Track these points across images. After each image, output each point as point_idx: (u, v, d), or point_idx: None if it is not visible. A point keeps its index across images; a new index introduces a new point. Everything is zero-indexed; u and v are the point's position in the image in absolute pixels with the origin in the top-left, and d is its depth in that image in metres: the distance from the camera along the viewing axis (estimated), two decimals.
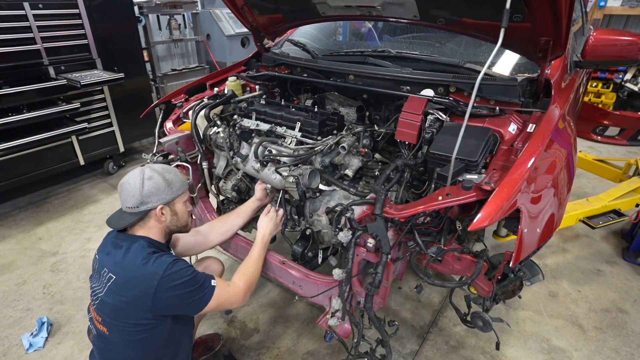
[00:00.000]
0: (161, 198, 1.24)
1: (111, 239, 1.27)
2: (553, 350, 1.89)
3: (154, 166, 1.28)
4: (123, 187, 1.23)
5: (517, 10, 1.19)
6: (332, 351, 1.88)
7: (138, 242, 1.21)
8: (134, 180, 1.22)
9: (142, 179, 1.22)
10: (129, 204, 1.22)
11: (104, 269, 1.20)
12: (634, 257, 2.48)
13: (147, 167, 1.27)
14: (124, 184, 1.23)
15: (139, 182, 1.21)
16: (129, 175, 1.25)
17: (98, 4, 3.13)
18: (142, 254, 1.17)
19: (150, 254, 1.18)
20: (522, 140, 1.33)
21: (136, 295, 1.14)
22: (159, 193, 1.24)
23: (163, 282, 1.13)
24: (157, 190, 1.23)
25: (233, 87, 1.99)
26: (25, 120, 2.68)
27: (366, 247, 1.26)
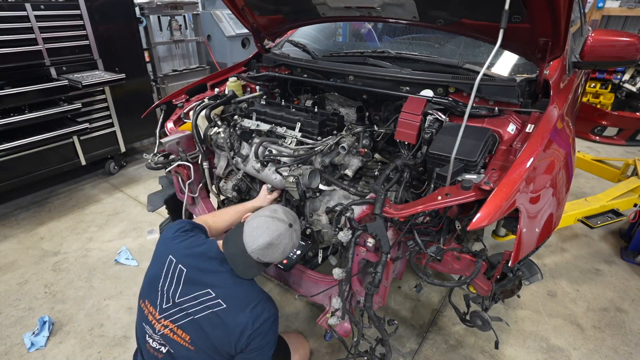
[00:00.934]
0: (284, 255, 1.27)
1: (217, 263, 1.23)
2: (552, 349, 1.89)
3: (298, 230, 1.29)
4: (273, 248, 1.20)
5: (516, 11, 1.19)
6: (332, 350, 1.88)
7: (251, 283, 1.25)
8: (285, 246, 1.22)
9: (290, 247, 1.24)
10: (266, 260, 1.21)
11: (207, 290, 1.18)
12: (632, 256, 2.48)
13: (294, 232, 1.25)
14: (275, 245, 1.20)
15: (288, 250, 1.23)
16: (280, 238, 1.21)
17: (99, 5, 3.14)
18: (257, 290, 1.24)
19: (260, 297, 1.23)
20: (521, 140, 1.33)
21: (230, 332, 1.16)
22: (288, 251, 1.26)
23: (256, 332, 1.16)
24: (290, 252, 1.27)
25: (234, 88, 2.00)
26: (27, 120, 2.69)
27: (366, 246, 1.27)
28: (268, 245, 1.19)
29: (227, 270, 1.22)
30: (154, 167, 1.74)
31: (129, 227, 2.85)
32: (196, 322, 1.17)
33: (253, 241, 1.19)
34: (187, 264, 1.22)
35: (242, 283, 1.22)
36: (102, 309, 2.13)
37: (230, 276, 1.21)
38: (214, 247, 1.27)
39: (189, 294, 1.18)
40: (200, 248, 1.26)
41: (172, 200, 2.00)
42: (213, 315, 1.16)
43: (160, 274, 1.24)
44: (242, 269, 1.21)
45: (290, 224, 1.24)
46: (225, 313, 1.16)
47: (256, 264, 1.22)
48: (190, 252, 1.25)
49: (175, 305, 1.19)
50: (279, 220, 1.22)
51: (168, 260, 1.24)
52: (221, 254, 1.25)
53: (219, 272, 1.21)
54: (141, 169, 3.78)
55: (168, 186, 2.06)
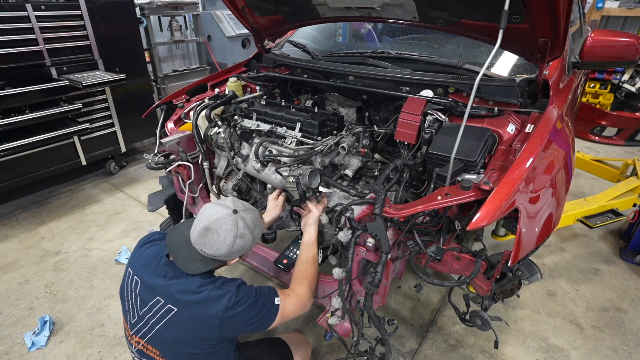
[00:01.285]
0: (240, 254, 1.17)
1: (164, 264, 1.16)
2: (551, 348, 1.90)
3: (247, 218, 1.16)
4: (210, 233, 1.10)
5: (516, 11, 1.20)
6: (332, 350, 1.89)
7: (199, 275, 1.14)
8: (225, 234, 1.10)
9: (234, 235, 1.11)
10: (209, 252, 1.11)
11: (157, 298, 1.12)
12: (631, 256, 2.49)
13: (240, 218, 1.13)
14: (212, 231, 1.10)
15: (230, 238, 1.11)
16: (219, 223, 1.10)
17: (100, 6, 3.15)
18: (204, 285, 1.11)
19: (209, 283, 1.12)
20: (521, 140, 1.34)
21: (202, 328, 1.09)
22: (243, 250, 1.16)
23: (228, 312, 1.08)
24: (243, 248, 1.15)
25: (234, 88, 2.00)
26: (27, 120, 2.70)
27: (366, 246, 1.27)
28: (205, 230, 1.09)
29: (173, 267, 1.15)
30: (154, 167, 1.74)
31: (129, 227, 2.86)
32: (159, 333, 1.12)
33: (194, 229, 1.12)
34: (140, 274, 1.17)
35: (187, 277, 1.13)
36: (103, 308, 2.13)
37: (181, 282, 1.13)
38: (162, 246, 1.22)
39: (146, 304, 1.13)
40: (153, 254, 1.20)
41: (172, 200, 2.01)
42: (171, 321, 1.10)
43: (124, 289, 1.21)
44: (182, 261, 1.12)
45: (234, 210, 1.13)
46: (179, 316, 1.10)
47: (201, 259, 1.12)
48: (145, 260, 1.20)
49: (140, 319, 1.16)
50: (222, 206, 1.13)
51: (128, 274, 1.20)
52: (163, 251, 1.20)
53: (162, 270, 1.15)
54: (142, 169, 3.78)
55: (168, 186, 2.06)
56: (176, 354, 1.14)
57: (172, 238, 1.18)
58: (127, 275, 1.21)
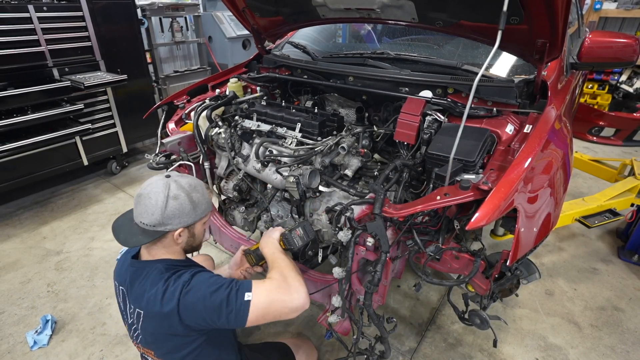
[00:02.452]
0: (183, 221, 1.08)
1: (128, 267, 1.16)
2: (549, 347, 1.91)
3: (181, 181, 1.10)
4: (142, 199, 1.06)
5: (514, 12, 1.21)
6: (332, 349, 1.90)
7: (156, 268, 1.09)
8: (157, 196, 1.05)
9: (166, 196, 1.05)
10: (145, 221, 1.06)
11: (128, 304, 1.13)
12: (629, 255, 2.50)
13: (173, 181, 1.08)
14: (144, 196, 1.06)
15: (162, 199, 1.05)
16: (150, 187, 1.06)
17: (101, 7, 3.16)
18: (160, 282, 1.05)
19: (167, 279, 1.06)
20: (519, 140, 1.34)
21: (166, 323, 1.06)
22: (181, 216, 1.07)
23: (181, 303, 1.02)
24: (180, 212, 1.07)
25: (234, 89, 2.01)
26: (29, 121, 2.71)
27: (365, 246, 1.27)
28: (138, 197, 1.06)
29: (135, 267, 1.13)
30: (155, 167, 1.75)
31: None
32: (143, 335, 1.13)
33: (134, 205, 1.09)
34: (121, 282, 1.18)
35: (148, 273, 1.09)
36: (104, 307, 2.14)
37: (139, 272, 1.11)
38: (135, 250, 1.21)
39: (128, 311, 1.15)
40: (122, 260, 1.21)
41: None
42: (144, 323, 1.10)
43: (118, 302, 1.22)
44: (123, 237, 1.08)
45: (167, 175, 1.10)
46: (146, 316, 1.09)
47: (141, 231, 1.07)
48: (123, 268, 1.19)
49: (130, 325, 1.17)
50: (156, 176, 1.10)
51: (115, 286, 1.22)
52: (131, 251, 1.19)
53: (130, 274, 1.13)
54: (143, 169, 3.79)
55: None
56: (166, 351, 1.15)
57: (118, 220, 1.13)
58: (115, 288, 1.22)
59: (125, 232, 1.10)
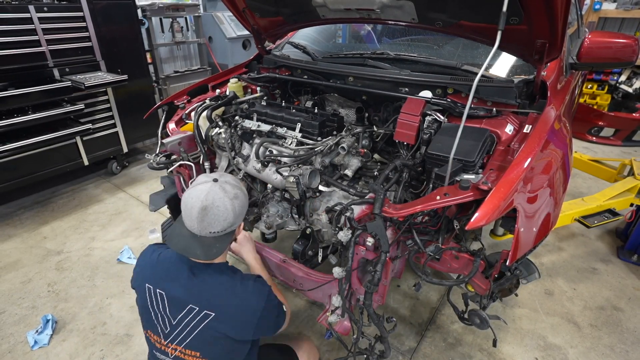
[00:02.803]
0: (244, 215, 1.17)
1: (183, 270, 1.15)
2: (549, 347, 1.91)
3: (230, 181, 1.15)
4: (210, 211, 1.07)
5: (514, 13, 1.21)
6: (332, 348, 1.90)
7: (220, 271, 1.15)
8: (222, 202, 1.09)
9: (230, 199, 1.10)
10: (218, 228, 1.09)
11: (189, 306, 1.12)
12: (628, 255, 2.50)
13: (224, 183, 1.13)
14: (211, 207, 1.07)
15: (229, 204, 1.10)
16: (210, 196, 1.08)
17: (102, 7, 3.16)
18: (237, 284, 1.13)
19: (236, 279, 1.15)
20: (519, 140, 1.34)
21: (242, 325, 1.14)
22: (244, 211, 1.15)
23: (267, 308, 1.15)
24: (243, 208, 1.14)
25: (234, 89, 2.02)
26: (30, 121, 2.72)
27: (365, 245, 1.28)
28: (203, 210, 1.07)
29: (194, 272, 1.14)
30: (156, 167, 1.76)
31: (131, 227, 2.87)
32: (199, 336, 1.14)
33: (190, 219, 1.09)
34: (163, 286, 1.16)
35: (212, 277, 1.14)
36: (105, 307, 2.15)
37: (199, 276, 1.13)
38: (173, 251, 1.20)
39: (179, 314, 1.14)
40: (165, 260, 1.20)
41: (173, 200, 2.02)
42: (209, 326, 1.12)
43: (147, 305, 1.19)
44: (202, 253, 1.10)
45: (214, 179, 1.14)
46: (218, 319, 1.12)
47: (215, 240, 1.11)
48: (162, 272, 1.19)
49: (174, 328, 1.16)
50: (200, 184, 1.12)
51: (147, 289, 1.18)
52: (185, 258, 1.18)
53: (189, 280, 1.14)
54: (143, 169, 3.80)
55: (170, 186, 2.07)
56: (217, 351, 1.17)
57: (176, 242, 1.13)
58: (147, 291, 1.18)
59: (199, 248, 1.10)
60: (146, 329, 1.25)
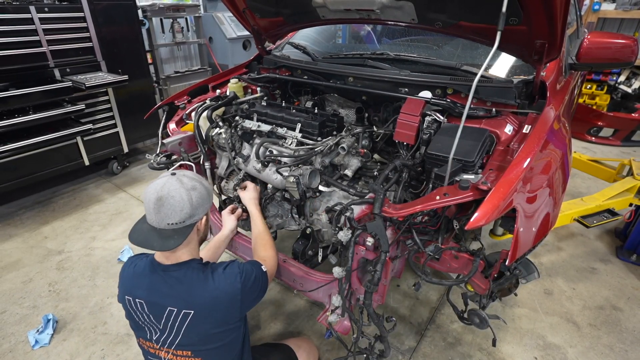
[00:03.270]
0: (204, 208, 1.16)
1: (155, 275, 1.15)
2: (548, 346, 1.91)
3: (188, 174, 1.17)
4: (166, 201, 1.07)
5: (513, 13, 1.21)
6: (332, 348, 1.91)
7: (192, 268, 1.15)
8: (178, 192, 1.09)
9: (187, 189, 1.11)
10: (175, 220, 1.09)
11: (168, 309, 1.13)
12: (627, 255, 2.50)
13: (182, 176, 1.14)
14: (167, 198, 1.07)
15: (185, 194, 1.09)
16: (166, 187, 1.09)
17: (102, 8, 3.17)
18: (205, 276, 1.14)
19: (209, 273, 1.15)
20: (518, 141, 1.35)
21: (225, 312, 1.16)
22: (204, 203, 1.15)
23: (244, 289, 1.16)
24: (202, 200, 1.14)
25: (235, 89, 2.02)
26: (31, 121, 2.72)
27: (365, 245, 1.28)
28: (158, 201, 1.07)
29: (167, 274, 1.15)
30: (156, 167, 1.76)
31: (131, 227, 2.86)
32: (186, 336, 1.15)
33: (148, 211, 1.10)
34: (140, 295, 1.16)
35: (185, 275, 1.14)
36: (105, 307, 2.15)
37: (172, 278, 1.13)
38: (153, 259, 1.20)
39: (161, 317, 1.15)
40: (139, 270, 1.20)
41: None
42: (192, 324, 1.13)
43: (131, 315, 1.20)
44: (159, 244, 1.09)
45: (172, 173, 1.14)
46: (198, 315, 1.12)
47: (173, 232, 1.10)
48: (137, 282, 1.19)
49: (162, 332, 1.17)
50: (159, 179, 1.13)
51: (127, 301, 1.19)
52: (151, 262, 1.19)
53: (163, 283, 1.14)
54: (144, 169, 3.81)
55: None
56: (206, 348, 1.18)
57: (136, 237, 1.12)
58: (128, 303, 1.19)
59: (156, 240, 1.09)
60: (138, 337, 1.27)
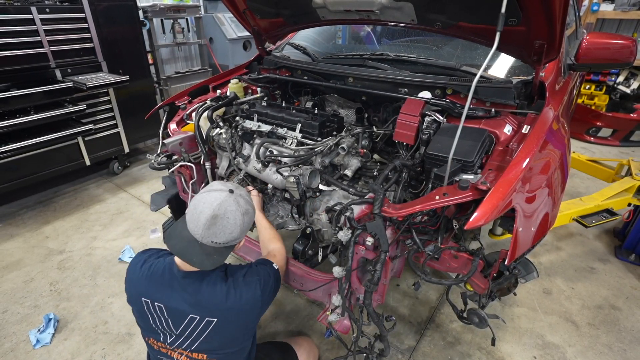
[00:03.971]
0: (246, 232, 1.17)
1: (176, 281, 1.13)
2: (547, 346, 1.92)
3: (244, 195, 1.14)
4: (220, 221, 1.05)
5: (512, 14, 1.22)
6: (332, 347, 1.91)
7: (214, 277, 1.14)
8: (234, 215, 1.07)
9: (241, 214, 1.09)
10: (221, 240, 1.07)
11: (190, 316, 1.12)
12: (626, 255, 2.51)
13: (238, 196, 1.11)
14: (222, 218, 1.06)
15: (239, 219, 1.09)
16: (223, 206, 1.06)
17: (103, 9, 3.18)
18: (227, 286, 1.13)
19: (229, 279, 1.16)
20: (517, 141, 1.36)
21: (247, 319, 1.19)
22: (248, 228, 1.16)
23: (264, 295, 1.19)
24: (249, 225, 1.15)
25: (235, 90, 2.03)
26: (32, 121, 2.73)
27: (365, 245, 1.29)
28: (213, 219, 1.04)
29: (187, 282, 1.12)
30: (157, 168, 1.77)
31: (132, 226, 2.89)
32: (206, 340, 1.15)
33: (196, 223, 1.05)
34: (159, 298, 1.14)
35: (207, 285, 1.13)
36: (106, 306, 2.16)
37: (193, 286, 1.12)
38: (172, 263, 1.17)
39: (181, 323, 1.13)
40: (159, 272, 1.16)
41: (174, 199, 2.04)
42: (214, 331, 1.14)
43: (146, 316, 1.17)
44: (199, 260, 1.07)
45: (230, 190, 1.11)
46: (221, 323, 1.13)
47: (214, 251, 1.09)
48: (156, 284, 1.15)
49: (178, 336, 1.16)
50: (215, 191, 1.09)
51: (144, 303, 1.16)
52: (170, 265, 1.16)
53: (184, 291, 1.12)
54: (145, 169, 3.81)
55: (171, 186, 2.09)
56: (226, 352, 1.20)
57: (175, 244, 1.10)
58: (145, 305, 1.16)
59: (196, 255, 1.08)
60: (147, 336, 1.25)
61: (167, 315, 1.14)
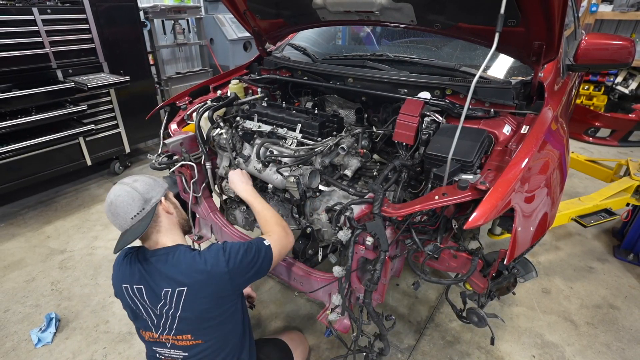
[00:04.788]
0: (157, 192, 1.23)
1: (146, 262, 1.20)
2: (546, 345, 1.93)
3: (126, 179, 1.23)
4: (115, 205, 1.15)
5: (511, 15, 1.22)
6: (332, 346, 1.92)
7: (179, 249, 1.19)
8: (122, 190, 1.17)
9: (129, 185, 1.19)
10: (133, 212, 1.16)
11: (163, 290, 1.16)
12: (624, 254, 2.52)
13: (119, 182, 1.22)
14: (115, 199, 1.16)
15: (129, 190, 1.17)
16: (112, 195, 1.18)
17: (104, 9, 3.19)
18: (195, 255, 1.17)
19: (199, 252, 1.19)
20: (516, 141, 1.36)
21: (217, 287, 1.17)
22: (152, 189, 1.22)
23: (230, 263, 1.17)
24: (149, 186, 1.21)
25: (236, 90, 2.03)
26: (34, 122, 2.75)
27: (365, 245, 1.28)
28: (110, 205, 1.16)
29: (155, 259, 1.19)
30: (158, 168, 1.78)
31: None
32: (183, 318, 1.17)
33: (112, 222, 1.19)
34: (137, 281, 1.21)
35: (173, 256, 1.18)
36: (107, 305, 2.17)
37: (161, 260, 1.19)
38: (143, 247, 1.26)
39: (159, 301, 1.18)
40: (135, 259, 1.25)
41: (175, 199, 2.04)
42: (187, 301, 1.16)
43: (131, 304, 1.23)
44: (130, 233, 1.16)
45: (113, 183, 1.24)
46: (191, 291, 1.15)
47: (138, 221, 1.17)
48: (129, 269, 1.23)
49: (159, 318, 1.20)
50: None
51: (125, 289, 1.23)
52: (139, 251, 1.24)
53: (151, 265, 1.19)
54: (145, 169, 3.83)
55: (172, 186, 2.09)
56: (205, 328, 1.20)
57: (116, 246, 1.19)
58: (126, 291, 1.23)
59: (128, 233, 1.16)
60: (139, 330, 1.29)
61: (146, 296, 1.19)
